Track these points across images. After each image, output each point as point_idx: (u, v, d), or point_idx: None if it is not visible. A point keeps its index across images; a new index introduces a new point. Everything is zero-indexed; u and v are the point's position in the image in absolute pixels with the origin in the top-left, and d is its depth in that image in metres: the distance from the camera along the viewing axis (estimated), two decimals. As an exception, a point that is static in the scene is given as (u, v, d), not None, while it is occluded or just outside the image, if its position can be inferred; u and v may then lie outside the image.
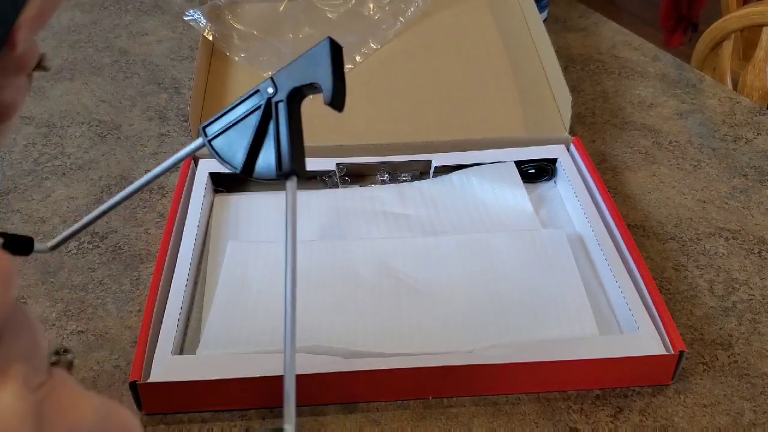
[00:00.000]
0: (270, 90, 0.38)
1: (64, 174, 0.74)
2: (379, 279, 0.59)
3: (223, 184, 0.69)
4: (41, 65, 0.26)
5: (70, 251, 0.65)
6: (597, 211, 0.64)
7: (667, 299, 0.60)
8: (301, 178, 0.37)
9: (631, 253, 0.59)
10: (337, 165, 0.70)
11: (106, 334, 0.57)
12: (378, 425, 0.50)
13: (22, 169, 0.75)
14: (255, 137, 0.38)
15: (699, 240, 0.66)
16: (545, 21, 1.02)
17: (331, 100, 0.36)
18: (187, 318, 0.56)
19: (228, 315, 0.55)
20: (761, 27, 1.06)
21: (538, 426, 0.50)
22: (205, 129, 0.39)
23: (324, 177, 0.70)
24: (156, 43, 0.98)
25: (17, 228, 0.67)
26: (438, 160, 0.70)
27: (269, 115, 0.38)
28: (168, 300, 0.55)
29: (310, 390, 0.50)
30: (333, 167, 0.69)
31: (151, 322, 0.53)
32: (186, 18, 0.88)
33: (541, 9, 0.97)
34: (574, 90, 0.85)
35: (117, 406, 0.23)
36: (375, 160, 0.70)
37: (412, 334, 0.54)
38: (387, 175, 0.72)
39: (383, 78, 0.81)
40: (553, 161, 0.71)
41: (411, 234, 0.64)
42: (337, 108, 0.37)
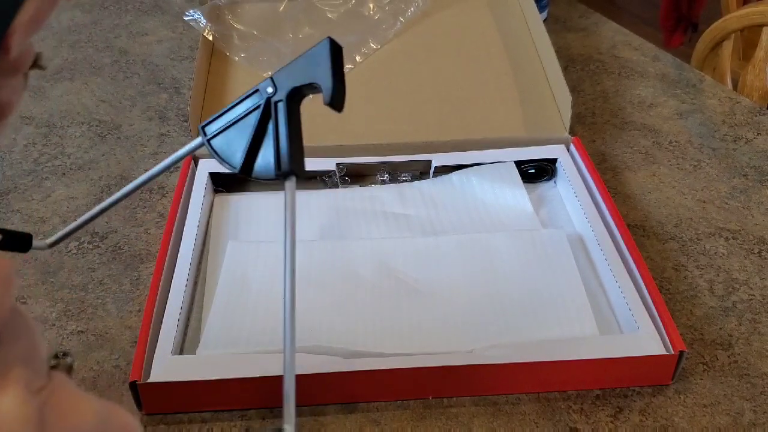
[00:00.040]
0: (269, 90, 0.37)
1: (64, 174, 0.74)
2: (379, 279, 0.58)
3: (223, 184, 0.69)
4: (37, 64, 0.26)
5: (70, 251, 0.65)
6: (597, 211, 0.64)
7: (667, 299, 0.60)
8: (300, 178, 0.37)
9: (631, 253, 0.59)
10: (337, 165, 0.70)
11: (106, 334, 0.57)
12: (378, 425, 0.50)
13: (22, 169, 0.75)
14: (254, 137, 0.38)
15: (699, 240, 0.66)
16: (545, 21, 1.02)
17: (331, 100, 0.36)
18: (187, 318, 0.56)
19: (228, 315, 0.55)
20: (761, 27, 1.05)
21: (538, 426, 0.50)
22: (204, 128, 0.39)
23: (324, 177, 0.70)
24: (156, 43, 0.98)
25: (17, 228, 0.66)
26: (438, 160, 0.70)
27: (268, 115, 0.38)
28: (168, 300, 0.55)
29: (310, 390, 0.50)
30: (333, 167, 0.69)
31: (151, 322, 0.53)
32: (186, 18, 0.88)
33: (541, 9, 0.97)
34: (574, 90, 0.85)
35: (117, 408, 0.23)
36: (375, 160, 0.70)
37: (412, 334, 0.54)
38: (387, 175, 0.72)
39: (383, 78, 0.81)
40: (553, 161, 0.70)
41: (411, 234, 0.64)
42: (337, 108, 0.37)
